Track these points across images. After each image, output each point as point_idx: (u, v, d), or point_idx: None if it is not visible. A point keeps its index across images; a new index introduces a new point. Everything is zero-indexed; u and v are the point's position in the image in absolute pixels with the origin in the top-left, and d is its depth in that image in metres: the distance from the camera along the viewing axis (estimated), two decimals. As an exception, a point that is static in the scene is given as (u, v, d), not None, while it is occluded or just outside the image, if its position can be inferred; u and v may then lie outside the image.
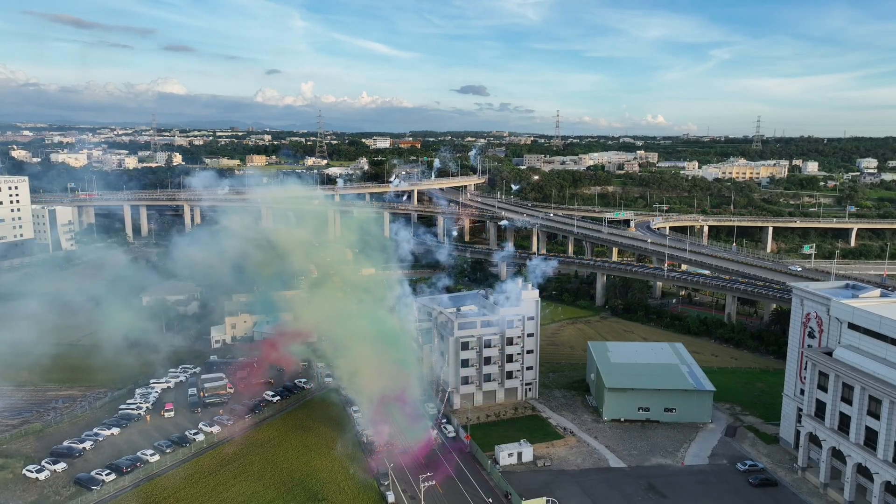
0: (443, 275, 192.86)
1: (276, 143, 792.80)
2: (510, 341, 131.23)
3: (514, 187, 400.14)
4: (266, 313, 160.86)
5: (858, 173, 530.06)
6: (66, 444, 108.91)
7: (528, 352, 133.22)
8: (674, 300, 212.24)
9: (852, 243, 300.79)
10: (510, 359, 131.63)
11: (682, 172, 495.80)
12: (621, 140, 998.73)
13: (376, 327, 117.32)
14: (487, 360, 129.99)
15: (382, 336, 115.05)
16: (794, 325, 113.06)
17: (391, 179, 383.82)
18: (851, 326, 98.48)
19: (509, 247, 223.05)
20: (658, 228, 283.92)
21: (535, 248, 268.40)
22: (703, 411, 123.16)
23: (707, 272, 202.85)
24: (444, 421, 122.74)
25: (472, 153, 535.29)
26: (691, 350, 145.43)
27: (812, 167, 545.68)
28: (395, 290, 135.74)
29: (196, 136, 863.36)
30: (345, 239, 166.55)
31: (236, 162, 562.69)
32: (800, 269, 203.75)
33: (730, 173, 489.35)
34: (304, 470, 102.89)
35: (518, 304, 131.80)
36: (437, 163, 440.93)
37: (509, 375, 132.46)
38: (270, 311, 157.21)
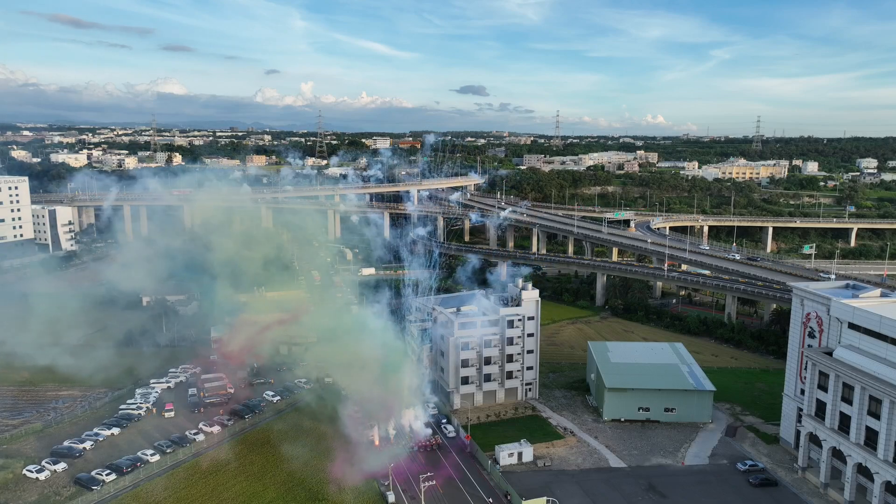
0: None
1: (275, 143, 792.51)
2: (510, 341, 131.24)
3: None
4: (219, 314, 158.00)
5: (858, 173, 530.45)
6: (66, 444, 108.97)
7: (529, 352, 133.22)
8: (674, 300, 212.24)
9: (852, 243, 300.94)
10: (510, 359, 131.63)
11: (682, 172, 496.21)
12: (621, 140, 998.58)
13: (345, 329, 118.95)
14: (487, 360, 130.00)
15: (353, 337, 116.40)
16: (794, 325, 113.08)
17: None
18: (851, 326, 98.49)
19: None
20: (658, 228, 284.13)
21: (535, 249, 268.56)
22: (703, 411, 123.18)
23: (707, 272, 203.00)
24: (444, 421, 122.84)
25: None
26: (691, 350, 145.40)
27: (812, 167, 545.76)
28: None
29: (196, 136, 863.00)
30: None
31: (236, 162, 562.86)
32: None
33: (730, 173, 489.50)
34: (304, 470, 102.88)
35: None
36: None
37: (509, 375, 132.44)
38: (223, 313, 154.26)
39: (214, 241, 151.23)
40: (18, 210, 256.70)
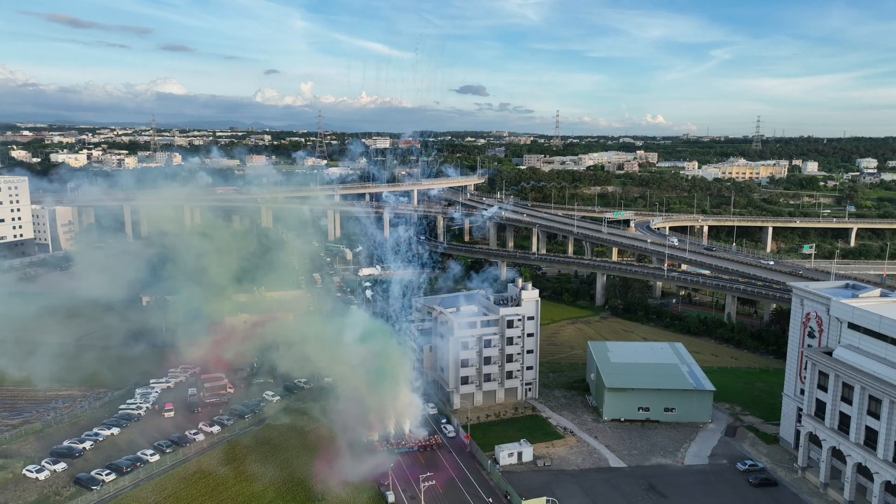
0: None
1: (275, 143, 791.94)
2: (510, 341, 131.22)
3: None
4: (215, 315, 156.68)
5: (858, 173, 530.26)
6: (66, 444, 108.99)
7: (528, 352, 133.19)
8: (674, 300, 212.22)
9: (852, 243, 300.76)
10: (510, 359, 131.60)
11: (681, 172, 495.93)
12: (621, 140, 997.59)
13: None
14: (487, 360, 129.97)
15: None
16: (794, 325, 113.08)
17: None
18: (851, 326, 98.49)
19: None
20: (658, 228, 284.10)
21: (534, 249, 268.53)
22: (703, 411, 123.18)
23: (707, 272, 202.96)
24: (444, 421, 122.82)
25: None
26: (691, 350, 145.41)
27: (812, 167, 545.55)
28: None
29: (196, 137, 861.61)
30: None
31: (236, 162, 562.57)
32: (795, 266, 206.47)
33: (730, 173, 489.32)
34: (304, 470, 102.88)
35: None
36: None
37: (509, 375, 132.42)
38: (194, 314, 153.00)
39: (212, 242, 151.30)
40: (18, 210, 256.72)
